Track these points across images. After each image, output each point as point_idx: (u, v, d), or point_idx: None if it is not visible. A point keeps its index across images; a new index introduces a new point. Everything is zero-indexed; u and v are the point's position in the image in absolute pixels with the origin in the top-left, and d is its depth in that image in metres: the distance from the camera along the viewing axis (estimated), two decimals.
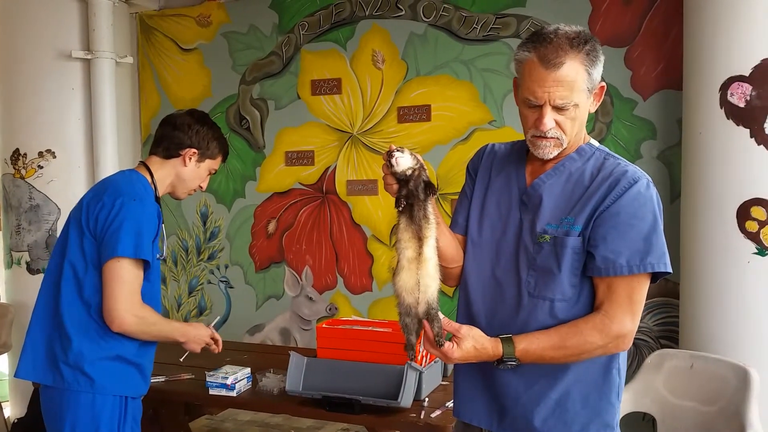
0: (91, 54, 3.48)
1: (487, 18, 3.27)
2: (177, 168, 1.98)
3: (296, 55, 3.68)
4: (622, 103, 3.07)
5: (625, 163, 1.41)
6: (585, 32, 1.36)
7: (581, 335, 1.34)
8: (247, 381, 2.24)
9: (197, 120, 2.01)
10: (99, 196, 1.85)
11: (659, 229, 1.35)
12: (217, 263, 3.98)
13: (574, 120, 1.37)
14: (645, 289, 1.36)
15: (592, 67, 1.33)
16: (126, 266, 1.76)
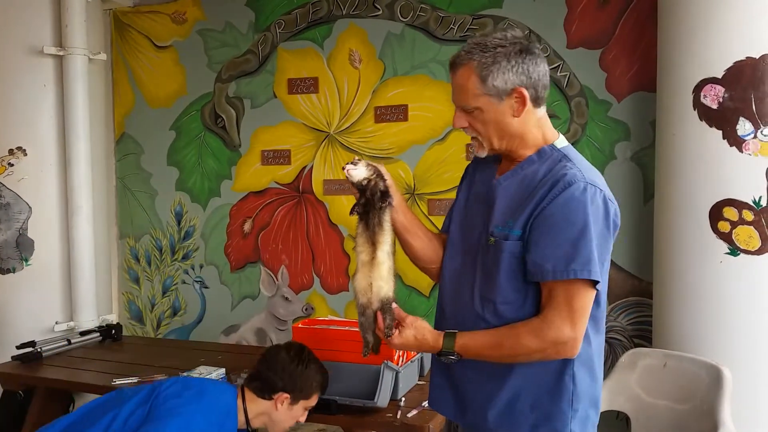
0: (63, 50, 3.41)
1: (464, 19, 3.28)
2: (269, 410, 1.92)
3: (273, 54, 3.66)
4: (597, 104, 3.10)
5: (570, 166, 1.38)
6: (491, 40, 1.39)
7: (517, 338, 1.37)
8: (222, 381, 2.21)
9: (293, 359, 1.93)
10: (186, 389, 1.80)
11: (589, 234, 1.32)
12: (191, 263, 3.93)
13: (486, 123, 1.41)
14: (585, 296, 1.34)
15: (486, 73, 1.37)
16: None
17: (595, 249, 1.32)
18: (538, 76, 1.39)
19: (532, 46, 1.41)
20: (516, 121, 1.41)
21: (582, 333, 1.36)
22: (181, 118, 3.87)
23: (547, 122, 1.47)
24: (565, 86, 3.13)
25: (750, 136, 2.31)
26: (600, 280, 1.34)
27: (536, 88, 1.40)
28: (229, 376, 2.26)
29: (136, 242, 4.05)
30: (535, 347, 1.36)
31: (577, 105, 3.12)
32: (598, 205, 1.33)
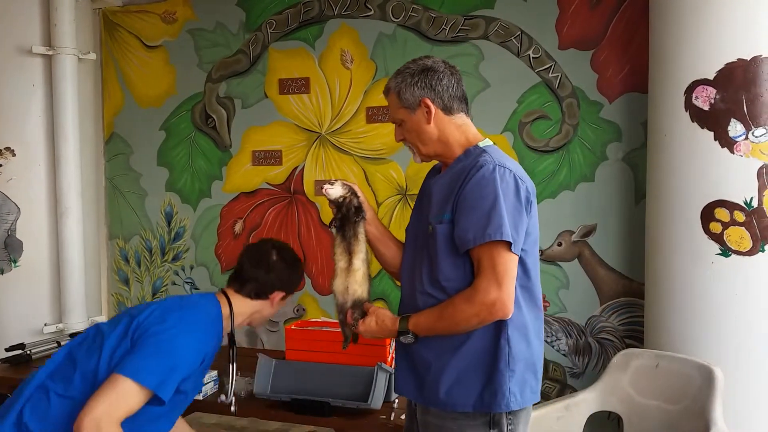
0: (52, 50, 3.38)
1: (455, 19, 3.27)
2: (263, 307, 1.96)
3: (264, 54, 3.64)
4: (589, 105, 3.10)
5: (487, 156, 1.60)
6: (406, 66, 1.70)
7: (454, 306, 1.58)
8: (213, 384, 2.19)
9: (288, 263, 1.98)
10: (165, 313, 1.75)
11: (499, 205, 1.53)
12: (182, 264, 3.91)
13: (410, 132, 1.71)
14: (506, 257, 1.53)
15: (398, 90, 1.68)
16: (128, 386, 1.60)
17: (506, 217, 1.53)
18: (442, 88, 1.67)
19: (437, 65, 1.69)
20: (431, 128, 1.68)
21: (510, 293, 1.54)
22: (171, 118, 3.84)
23: (469, 128, 1.72)
24: (557, 87, 3.14)
25: (741, 138, 2.32)
26: (512, 241, 1.52)
27: (442, 98, 1.67)
28: (221, 378, 2.24)
29: (125, 243, 4.02)
30: (471, 312, 1.55)
31: (569, 106, 3.13)
32: (508, 182, 1.56)
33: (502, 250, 1.53)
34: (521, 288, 1.60)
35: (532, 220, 1.62)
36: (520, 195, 1.57)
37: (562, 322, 3.20)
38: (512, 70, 3.19)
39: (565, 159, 3.15)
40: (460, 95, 1.70)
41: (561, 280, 3.18)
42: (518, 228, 1.55)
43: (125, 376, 1.60)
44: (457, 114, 1.70)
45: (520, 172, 1.63)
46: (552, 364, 3.22)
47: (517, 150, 3.21)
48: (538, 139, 3.18)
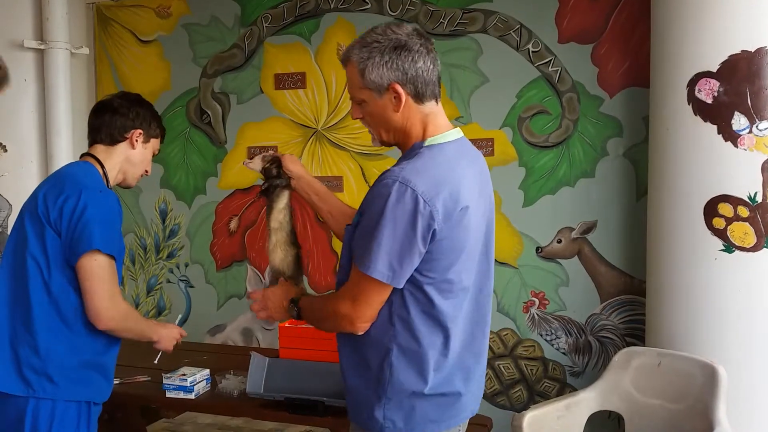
0: (44, 44, 3.33)
1: (453, 13, 3.22)
2: (126, 152, 1.93)
3: (259, 48, 3.59)
4: (589, 100, 3.06)
5: (403, 164, 1.42)
6: (371, 35, 1.45)
7: (320, 302, 1.60)
8: (206, 383, 2.15)
9: (134, 101, 1.96)
10: (59, 188, 1.77)
11: (380, 233, 1.37)
12: (176, 262, 3.86)
13: (372, 116, 1.50)
14: (372, 286, 1.41)
15: (363, 67, 1.44)
16: (103, 261, 1.71)
17: (384, 249, 1.37)
18: (416, 72, 1.43)
19: (411, 42, 1.43)
20: (398, 116, 1.47)
21: (363, 315, 1.44)
22: (166, 113, 3.78)
23: (435, 118, 1.50)
24: (557, 81, 3.09)
25: (745, 131, 2.27)
26: (383, 280, 1.38)
27: (414, 84, 1.44)
28: (214, 377, 2.19)
29: None
30: (325, 316, 1.54)
31: (569, 101, 3.08)
32: (404, 205, 1.36)
33: (366, 278, 1.41)
34: (423, 314, 1.45)
35: (445, 242, 1.41)
36: (417, 222, 1.36)
37: (561, 320, 3.15)
38: (511, 65, 3.15)
39: (564, 155, 3.10)
40: (435, 79, 1.47)
41: (561, 278, 3.14)
42: (403, 260, 1.38)
43: (91, 252, 1.69)
44: (427, 102, 1.48)
45: (431, 190, 1.37)
46: (551, 362, 3.18)
47: (516, 145, 3.16)
48: (538, 135, 3.14)
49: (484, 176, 1.57)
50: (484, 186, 1.56)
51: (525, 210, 3.17)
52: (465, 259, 1.46)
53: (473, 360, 1.56)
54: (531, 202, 3.16)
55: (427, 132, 1.49)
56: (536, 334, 3.19)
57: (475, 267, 1.52)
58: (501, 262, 3.21)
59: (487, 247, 1.57)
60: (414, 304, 1.44)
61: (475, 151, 1.58)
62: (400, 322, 1.45)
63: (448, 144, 1.48)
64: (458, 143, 1.51)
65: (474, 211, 1.46)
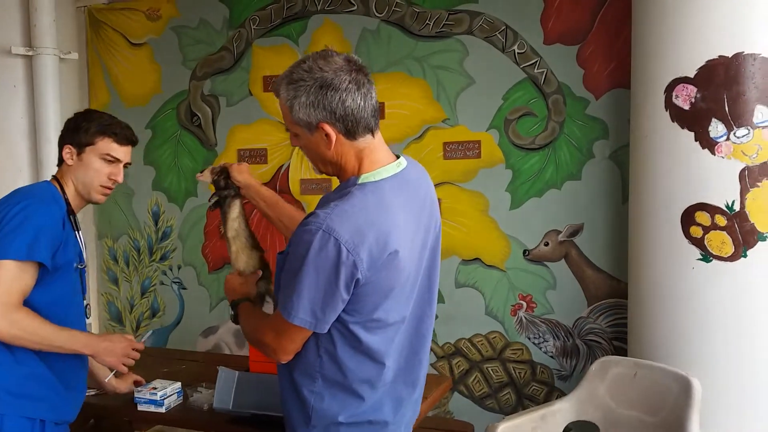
0: (32, 50, 3.35)
1: (439, 14, 3.19)
2: (66, 171, 1.91)
3: (247, 51, 3.58)
4: (575, 101, 3.01)
5: (331, 206, 1.38)
6: (297, 72, 1.40)
7: (249, 321, 1.63)
8: (177, 396, 2.16)
9: (68, 120, 1.94)
10: (4, 201, 1.80)
11: (300, 282, 1.36)
12: (169, 264, 3.88)
13: (307, 149, 1.48)
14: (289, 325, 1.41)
15: (291, 105, 1.41)
16: (8, 266, 1.67)
17: (305, 295, 1.36)
18: (345, 111, 1.38)
19: (339, 79, 1.37)
20: (330, 152, 1.44)
21: (285, 349, 1.46)
22: (157, 116, 3.80)
23: (371, 152, 1.46)
24: (543, 83, 3.05)
25: (723, 138, 2.22)
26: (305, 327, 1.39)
27: (344, 122, 1.39)
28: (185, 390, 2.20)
29: (114, 242, 4.00)
30: (252, 337, 1.60)
31: (555, 102, 3.04)
32: (327, 254, 1.34)
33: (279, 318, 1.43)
34: (350, 349, 1.44)
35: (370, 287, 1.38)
36: (340, 271, 1.34)
37: (549, 324, 3.13)
38: (497, 66, 3.11)
39: (551, 157, 3.07)
40: (368, 114, 1.41)
41: (548, 281, 3.11)
42: (325, 308, 1.37)
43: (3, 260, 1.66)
44: (360, 137, 1.43)
45: (359, 237, 1.34)
46: (539, 366, 3.16)
47: (503, 148, 3.13)
48: (524, 137, 3.10)
49: (427, 205, 1.54)
50: (426, 218, 1.53)
51: (512, 212, 3.14)
52: (394, 298, 1.43)
53: (407, 390, 1.56)
54: (518, 204, 3.13)
55: (363, 167, 1.45)
56: (524, 337, 3.18)
57: (410, 301, 1.50)
58: (489, 264, 3.20)
59: (430, 278, 1.55)
60: (341, 340, 1.44)
61: (417, 179, 1.54)
62: (326, 355, 1.46)
63: (384, 181, 1.44)
64: (395, 179, 1.46)
65: (407, 253, 1.43)
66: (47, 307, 1.76)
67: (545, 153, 3.07)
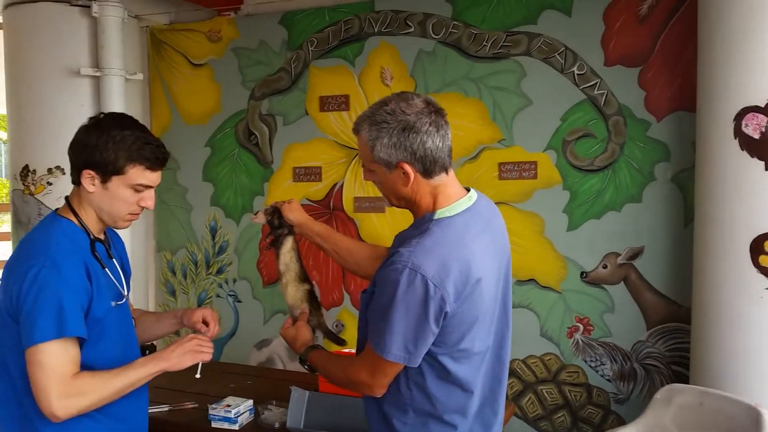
0: (100, 71, 3.47)
1: (497, 35, 3.21)
2: (86, 196, 1.62)
3: (305, 72, 3.65)
4: (636, 123, 3.00)
5: (413, 245, 1.43)
6: (380, 114, 1.46)
7: (335, 365, 1.64)
8: (249, 413, 2.21)
9: (89, 129, 1.61)
10: (12, 267, 1.57)
11: (391, 318, 1.40)
12: (225, 277, 3.97)
13: (383, 185, 1.55)
14: (385, 365, 1.46)
15: (372, 145, 1.48)
16: (48, 350, 1.48)
17: (398, 333, 1.40)
18: (425, 152, 1.45)
19: (420, 122, 1.44)
20: (407, 189, 1.51)
21: (381, 383, 1.49)
22: (216, 135, 3.90)
23: (445, 188, 1.52)
24: (603, 105, 3.05)
25: None
26: (398, 362, 1.43)
27: (423, 162, 1.46)
28: (257, 407, 2.26)
29: (172, 255, 4.11)
30: (343, 379, 1.59)
31: (615, 124, 3.03)
32: (415, 290, 1.39)
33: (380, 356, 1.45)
34: (439, 380, 1.49)
35: (457, 318, 1.43)
36: (429, 306, 1.38)
37: (606, 347, 3.11)
38: (556, 87, 3.11)
39: (611, 179, 3.06)
40: (444, 154, 1.49)
41: (606, 304, 3.09)
42: (417, 342, 1.42)
43: (33, 346, 1.48)
44: (437, 175, 1.50)
45: (444, 271, 1.39)
46: (596, 389, 3.14)
47: (561, 169, 3.13)
48: (583, 158, 3.10)
49: (498, 234, 1.60)
50: (498, 245, 1.58)
51: (569, 234, 3.13)
52: (478, 327, 1.48)
53: (493, 414, 1.60)
54: (575, 226, 3.12)
55: (437, 203, 1.51)
56: (580, 359, 3.16)
57: (491, 328, 1.55)
58: (544, 286, 3.19)
59: (505, 305, 1.61)
60: (429, 372, 1.48)
61: (488, 210, 1.60)
62: (416, 387, 1.50)
63: (458, 216, 1.50)
64: (468, 212, 1.51)
65: (488, 279, 1.48)
66: (102, 360, 1.62)
67: (605, 174, 3.06)
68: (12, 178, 3.62)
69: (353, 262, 1.91)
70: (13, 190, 3.63)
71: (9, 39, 3.63)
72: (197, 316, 1.88)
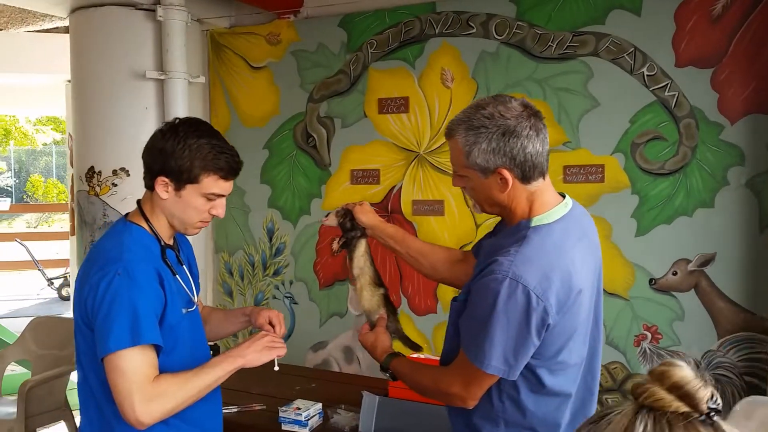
0: (164, 74, 3.51)
1: (563, 36, 3.15)
2: (158, 202, 1.63)
3: (364, 74, 3.64)
4: (708, 126, 2.91)
5: (512, 253, 1.39)
6: (478, 119, 1.42)
7: (423, 375, 1.58)
8: (318, 417, 2.21)
9: (165, 134, 1.61)
10: (86, 275, 1.57)
11: (492, 330, 1.36)
12: (282, 279, 3.99)
13: (476, 191, 1.50)
14: (476, 375, 1.41)
15: (469, 150, 1.43)
16: (126, 356, 1.48)
17: (498, 345, 1.36)
18: (524, 157, 1.41)
19: (521, 126, 1.40)
20: (503, 195, 1.47)
21: (475, 395, 1.46)
22: (274, 137, 3.92)
23: (542, 195, 1.48)
24: (674, 107, 2.96)
25: None
26: (498, 374, 1.39)
27: (522, 168, 1.42)
28: (326, 411, 2.25)
29: (230, 257, 4.14)
30: (432, 388, 1.54)
31: (687, 127, 2.94)
32: (516, 301, 1.34)
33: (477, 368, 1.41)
34: (533, 393, 1.45)
35: (557, 329, 1.39)
36: (531, 318, 1.34)
37: (675, 356, 3.02)
38: (624, 88, 3.04)
39: (682, 183, 2.97)
40: (543, 158, 1.44)
41: (675, 312, 3.00)
42: (518, 355, 1.38)
43: (110, 356, 1.48)
44: (534, 181, 1.45)
45: (546, 282, 1.35)
46: None
47: (629, 172, 3.05)
48: (653, 161, 3.01)
49: (592, 242, 1.55)
50: (593, 253, 1.53)
51: (638, 239, 3.05)
52: (576, 338, 1.44)
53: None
54: (644, 231, 3.04)
55: (533, 209, 1.47)
56: (648, 368, 3.07)
57: (586, 339, 1.50)
58: (610, 293, 3.11)
59: (597, 315, 1.56)
60: (524, 385, 1.45)
61: (583, 217, 1.54)
62: (509, 400, 1.47)
63: (556, 223, 1.45)
64: (565, 219, 1.46)
65: (587, 289, 1.44)
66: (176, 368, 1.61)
67: (676, 179, 2.97)
68: (77, 179, 3.69)
69: (428, 265, 1.88)
70: (78, 191, 3.71)
71: (75, 42, 3.71)
72: (263, 317, 1.89)
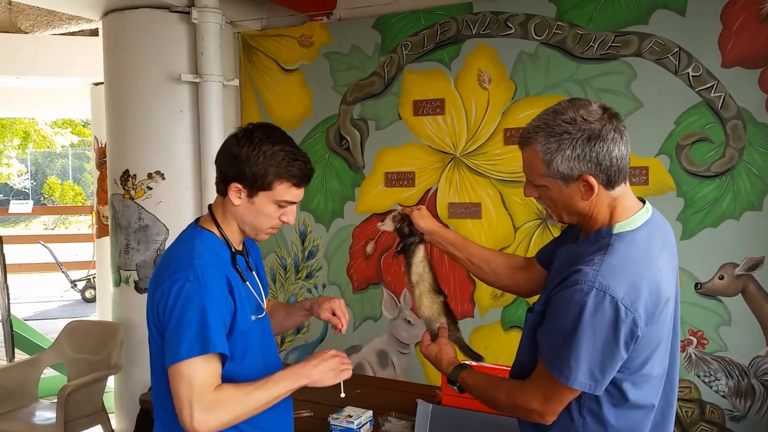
0: (199, 77, 3.50)
1: (605, 36, 3.10)
2: (230, 208, 1.63)
3: (398, 75, 3.61)
4: (756, 128, 2.85)
5: (595, 262, 1.33)
6: (559, 124, 1.35)
7: (497, 390, 1.51)
8: (369, 425, 2.17)
9: (240, 141, 1.59)
10: (158, 280, 1.57)
11: (577, 343, 1.30)
12: (314, 282, 3.96)
13: (554, 200, 1.43)
14: (561, 389, 1.36)
15: (550, 158, 1.36)
16: (191, 365, 1.48)
17: (584, 359, 1.30)
18: (610, 162, 1.36)
19: (605, 130, 1.34)
20: (585, 203, 1.41)
21: (554, 411, 1.40)
22: (307, 139, 3.89)
23: (624, 200, 1.42)
24: (720, 108, 2.90)
25: None
26: (582, 389, 1.33)
27: (607, 173, 1.37)
28: (377, 419, 2.21)
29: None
30: (507, 404, 1.48)
31: (734, 128, 2.88)
32: (603, 313, 1.29)
33: (560, 383, 1.35)
34: (614, 408, 1.40)
35: (644, 341, 1.34)
36: (619, 331, 1.29)
37: (722, 362, 2.95)
38: (669, 89, 2.98)
39: (729, 185, 2.91)
40: (627, 162, 1.39)
41: (722, 317, 2.94)
42: (605, 370, 1.32)
43: (176, 364, 1.48)
44: (618, 186, 1.39)
45: (635, 292, 1.30)
46: (709, 405, 2.99)
47: (674, 174, 3.00)
48: (698, 164, 2.96)
49: (673, 248, 1.50)
50: (675, 261, 1.48)
51: (683, 243, 2.99)
52: (660, 349, 1.40)
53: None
54: (690, 234, 2.98)
55: (615, 216, 1.41)
56: (693, 374, 3.01)
57: (668, 350, 1.46)
58: None
59: (675, 324, 1.51)
60: (607, 399, 1.40)
61: (662, 223, 1.49)
62: (590, 415, 1.42)
63: (639, 230, 1.39)
64: (648, 226, 1.41)
65: (672, 299, 1.40)
66: (246, 376, 1.60)
67: (722, 181, 2.91)
68: (112, 183, 3.69)
69: (490, 272, 1.84)
70: (112, 194, 3.70)
71: (109, 45, 3.70)
72: (326, 311, 1.87)
